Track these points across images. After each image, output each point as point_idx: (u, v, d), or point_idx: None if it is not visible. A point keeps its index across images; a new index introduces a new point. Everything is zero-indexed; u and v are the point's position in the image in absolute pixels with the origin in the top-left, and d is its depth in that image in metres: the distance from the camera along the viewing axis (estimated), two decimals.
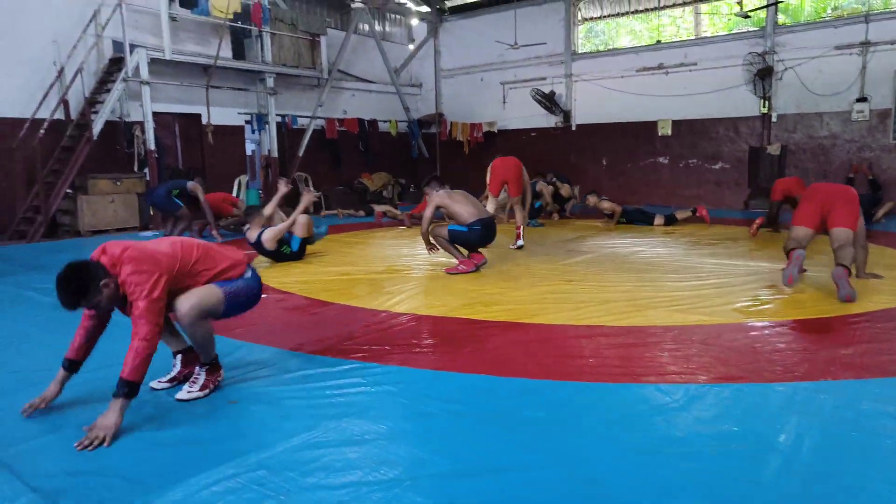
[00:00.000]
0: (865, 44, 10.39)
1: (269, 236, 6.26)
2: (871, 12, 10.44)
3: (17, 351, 3.69)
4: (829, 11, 12.09)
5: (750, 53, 11.23)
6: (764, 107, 11.33)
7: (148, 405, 2.80)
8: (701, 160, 12.28)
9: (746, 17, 11.12)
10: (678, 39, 12.87)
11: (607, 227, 9.02)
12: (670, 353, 3.41)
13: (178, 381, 3.05)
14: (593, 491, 2.05)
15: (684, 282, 5.21)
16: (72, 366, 2.75)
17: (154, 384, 3.01)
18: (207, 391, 2.90)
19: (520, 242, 7.02)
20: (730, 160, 11.96)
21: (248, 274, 3.01)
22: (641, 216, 9.26)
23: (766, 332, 3.77)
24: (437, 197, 5.84)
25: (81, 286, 2.49)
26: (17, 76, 9.10)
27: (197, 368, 2.95)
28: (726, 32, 12.37)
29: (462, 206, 5.75)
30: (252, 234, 6.37)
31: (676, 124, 12.42)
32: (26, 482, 2.16)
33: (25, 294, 5.17)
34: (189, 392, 2.88)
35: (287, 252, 6.43)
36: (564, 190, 10.53)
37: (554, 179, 10.59)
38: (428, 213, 5.82)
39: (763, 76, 11.09)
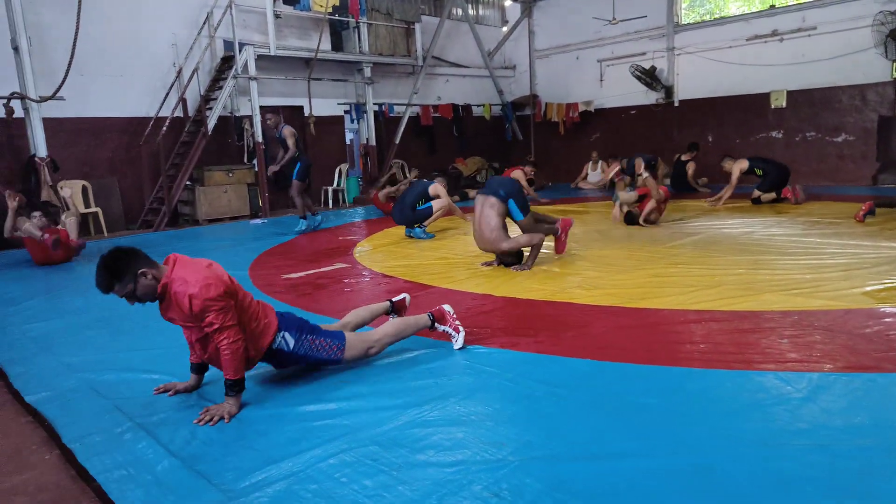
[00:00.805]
0: None
1: (444, 201, 7.39)
2: None
3: (156, 330, 3.82)
4: None
5: (881, 12, 10.15)
6: None
7: (267, 385, 2.99)
8: (821, 133, 11.31)
9: None
10: (795, 3, 11.88)
11: (714, 207, 8.56)
12: (790, 340, 3.19)
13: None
14: (711, 482, 1.97)
15: (804, 264, 4.85)
16: (199, 368, 2.90)
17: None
18: (460, 332, 3.33)
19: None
20: (855, 131, 10.93)
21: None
22: (777, 172, 8.65)
23: None
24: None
25: (118, 270, 2.48)
26: (143, 78, 9.88)
27: (442, 329, 3.35)
28: None
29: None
30: (433, 189, 7.41)
31: (792, 95, 11.49)
32: (166, 447, 2.38)
33: None
34: (456, 342, 3.32)
35: (418, 206, 7.33)
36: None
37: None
38: (528, 220, 5.24)
39: None
